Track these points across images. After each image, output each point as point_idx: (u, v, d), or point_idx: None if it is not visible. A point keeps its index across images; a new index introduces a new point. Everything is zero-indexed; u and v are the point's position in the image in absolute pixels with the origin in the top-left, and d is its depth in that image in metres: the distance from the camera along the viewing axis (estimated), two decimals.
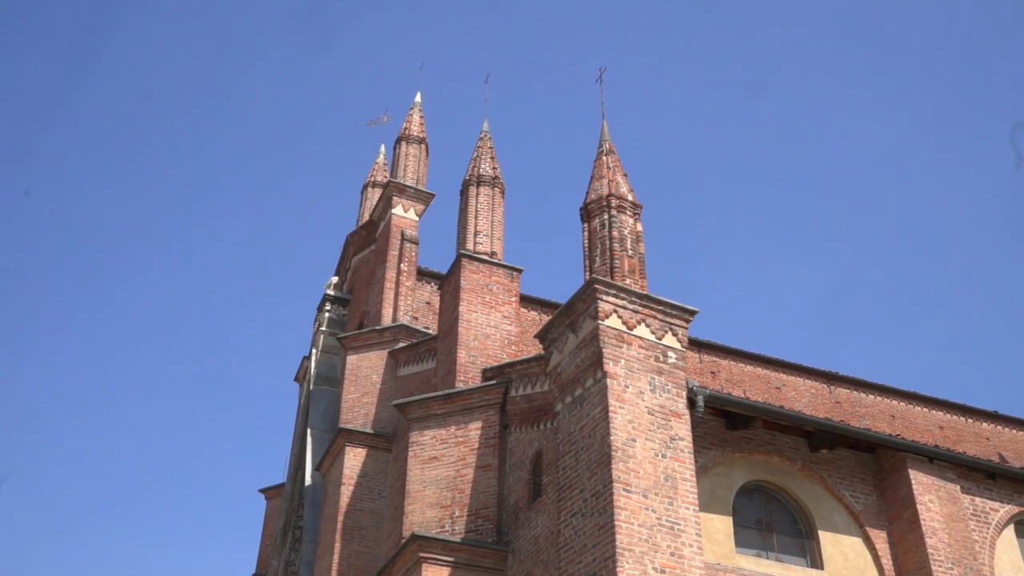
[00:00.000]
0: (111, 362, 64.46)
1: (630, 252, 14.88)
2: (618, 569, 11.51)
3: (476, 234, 19.81)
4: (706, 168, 69.16)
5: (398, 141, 25.84)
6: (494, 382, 16.80)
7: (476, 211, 20.20)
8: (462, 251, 19.35)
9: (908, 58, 67.03)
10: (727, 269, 66.66)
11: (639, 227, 15.38)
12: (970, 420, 28.16)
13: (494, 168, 21.10)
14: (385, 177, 27.75)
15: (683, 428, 13.18)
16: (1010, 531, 15.49)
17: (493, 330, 18.57)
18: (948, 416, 27.93)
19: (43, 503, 56.80)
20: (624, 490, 12.14)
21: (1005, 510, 15.52)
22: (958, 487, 15.15)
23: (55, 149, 63.23)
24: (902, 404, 27.51)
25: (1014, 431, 28.48)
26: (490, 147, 21.61)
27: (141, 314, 65.70)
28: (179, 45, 67.77)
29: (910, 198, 67.04)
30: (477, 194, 20.50)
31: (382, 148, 29.41)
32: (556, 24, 70.40)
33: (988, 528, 15.15)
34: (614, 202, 15.34)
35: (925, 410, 27.76)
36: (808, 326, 61.55)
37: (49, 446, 60.02)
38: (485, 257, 19.37)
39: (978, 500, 15.37)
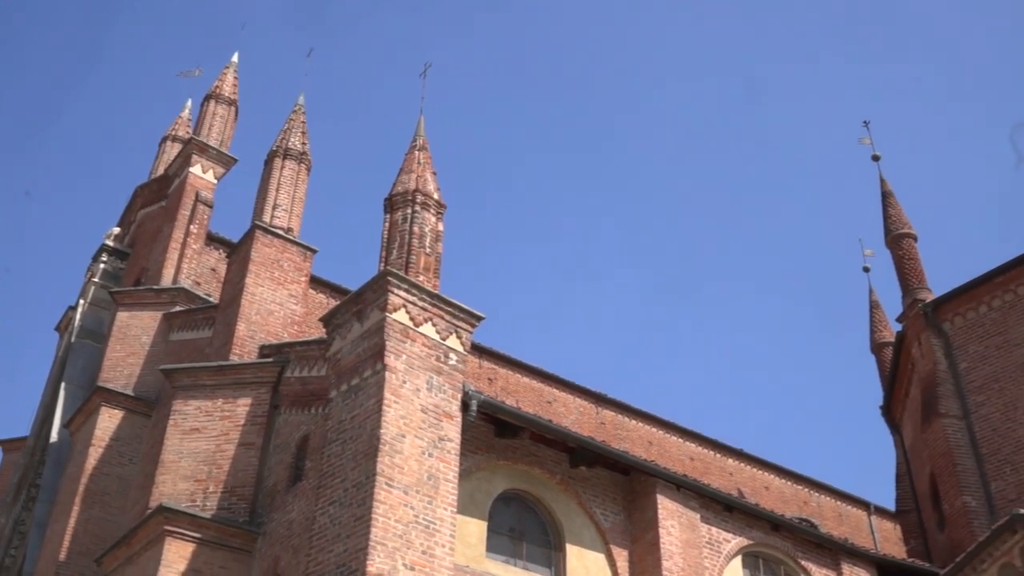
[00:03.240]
0: None
1: (428, 250, 14.95)
2: (368, 562, 11.51)
3: (275, 207, 19.30)
4: (517, 174, 70.42)
5: (207, 99, 24.77)
6: (270, 360, 16.41)
7: (278, 184, 19.69)
8: (258, 222, 18.80)
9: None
10: (520, 280, 68.09)
11: (440, 227, 15.47)
12: (718, 455, 30.02)
13: (303, 144, 20.65)
14: (187, 133, 26.52)
15: (453, 430, 13.35)
16: (737, 562, 16.61)
17: (278, 307, 18.14)
18: (699, 448, 29.66)
19: None
20: (386, 484, 12.15)
21: (736, 542, 16.63)
22: (699, 516, 16.11)
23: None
24: (660, 432, 28.97)
25: (754, 469, 30.62)
26: (303, 121, 21.13)
27: None
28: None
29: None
30: (282, 167, 19.99)
31: (189, 103, 28.09)
32: (387, 15, 69.82)
33: (719, 557, 16.19)
34: (419, 198, 15.36)
35: (680, 440, 29.36)
36: (587, 346, 63.79)
37: None
38: (280, 232, 18.91)
39: (714, 530, 16.40)
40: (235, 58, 26.11)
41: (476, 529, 13.97)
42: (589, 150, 71.29)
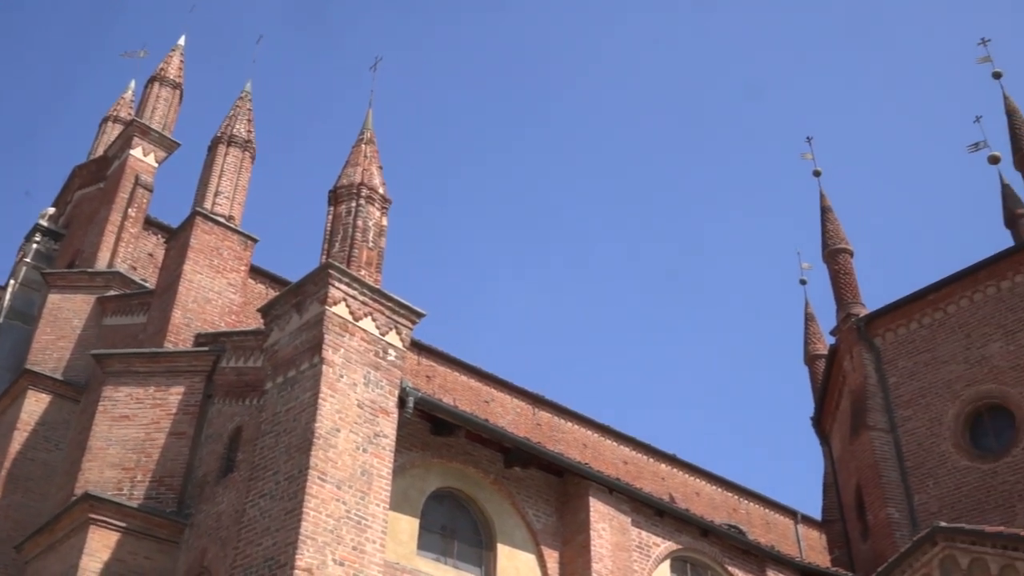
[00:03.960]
0: None
1: (371, 244, 14.86)
2: (297, 556, 11.41)
3: (217, 194, 19.02)
4: (465, 173, 70.37)
5: (151, 81, 24.29)
6: (206, 349, 16.17)
7: (221, 171, 19.41)
8: (198, 209, 18.52)
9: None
10: (463, 279, 68.03)
11: (384, 221, 15.39)
12: (651, 459, 30.31)
13: (249, 131, 20.39)
14: (130, 114, 25.98)
15: (389, 426, 13.30)
16: (666, 566, 16.78)
17: (216, 295, 17.88)
18: (633, 453, 29.92)
19: None
20: (319, 478, 12.06)
21: (665, 546, 16.80)
22: (630, 519, 16.24)
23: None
24: (595, 435, 29.16)
25: (686, 475, 30.98)
26: (249, 109, 20.86)
27: None
28: None
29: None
30: (226, 153, 19.71)
31: (132, 84, 27.52)
32: (345, 4, 69.27)
33: (649, 561, 16.34)
34: (364, 191, 15.26)
35: (614, 444, 29.59)
36: (526, 347, 63.94)
37: None
38: (221, 219, 18.65)
39: (644, 534, 16.54)
40: (182, 41, 25.66)
41: (408, 526, 13.92)
42: (538, 151, 71.55)
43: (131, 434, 15.32)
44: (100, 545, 13.91)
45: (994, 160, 24.69)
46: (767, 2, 70.91)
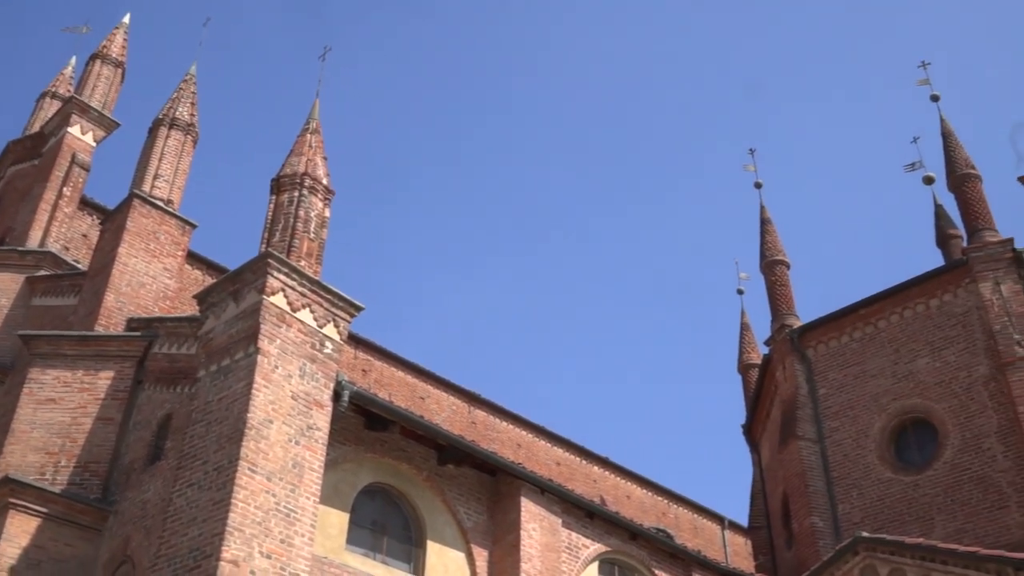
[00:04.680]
0: None
1: (312, 235, 14.72)
2: (223, 547, 11.26)
3: (156, 177, 18.69)
4: (411, 167, 70.03)
5: (92, 58, 23.79)
6: (138, 334, 15.88)
7: (162, 153, 19.07)
8: (136, 191, 18.18)
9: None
10: (403, 274, 67.76)
11: (327, 213, 15.26)
12: (584, 461, 30.53)
13: (192, 115, 20.06)
14: (69, 91, 25.41)
15: (323, 419, 13.20)
16: (594, 567, 16.89)
17: (151, 280, 17.57)
18: (566, 454, 30.10)
19: None
20: (249, 469, 11.92)
21: (595, 548, 16.92)
22: (560, 520, 16.32)
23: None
24: (530, 436, 29.28)
25: (617, 478, 31.26)
26: (193, 92, 20.53)
27: None
28: None
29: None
30: (167, 136, 19.37)
31: (73, 60, 26.91)
32: None
33: (577, 562, 16.44)
34: (308, 181, 15.11)
35: (548, 445, 29.74)
36: (464, 345, 63.89)
37: None
38: (160, 203, 18.33)
39: (574, 535, 16.64)
40: (127, 19, 25.17)
41: (338, 520, 13.82)
42: (482, 151, 71.55)
43: (57, 418, 14.98)
44: (19, 530, 13.59)
45: (929, 181, 25.30)
46: (719, 18, 71.81)
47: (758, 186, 26.55)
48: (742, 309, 29.95)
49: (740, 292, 29.61)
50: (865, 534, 16.88)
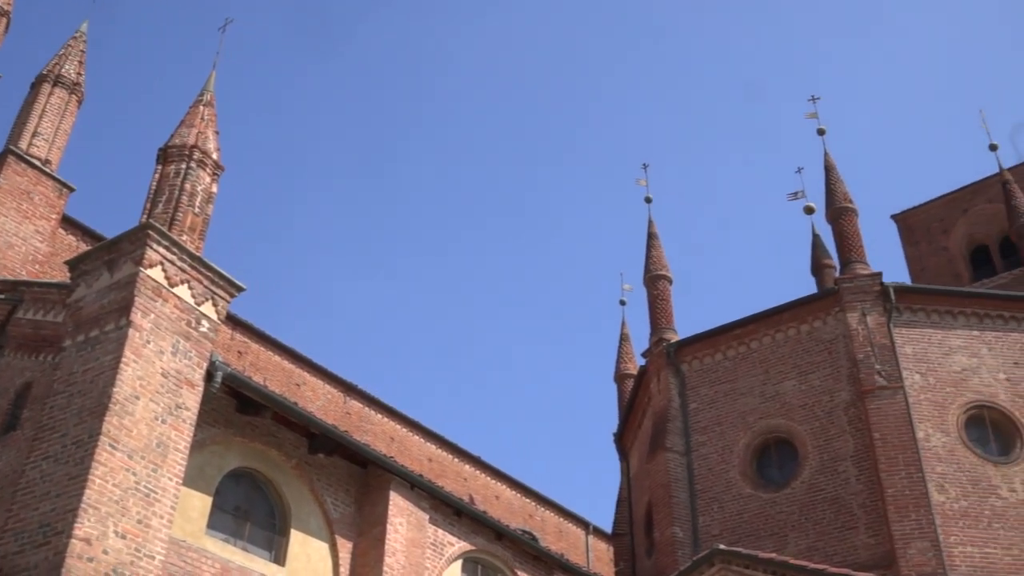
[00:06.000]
0: None
1: (197, 210, 14.33)
2: (76, 524, 10.86)
3: (35, 135, 17.91)
4: (307, 150, 68.84)
5: None
6: (2, 296, 15.16)
7: (43, 111, 18.29)
8: (12, 147, 17.39)
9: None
10: (288, 258, 66.56)
11: (214, 188, 14.88)
12: (456, 459, 30.57)
13: (79, 74, 19.29)
14: None
15: (192, 399, 12.87)
16: (457, 566, 16.95)
17: (20, 242, 16.82)
18: (439, 451, 30.09)
19: None
20: (110, 446, 11.53)
21: (460, 546, 16.97)
22: (428, 517, 16.31)
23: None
24: (404, 430, 29.16)
25: (488, 478, 31.41)
26: (82, 51, 19.74)
27: None
28: None
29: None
30: (50, 93, 18.59)
31: None
32: None
33: (441, 559, 16.46)
34: (197, 154, 14.71)
35: (421, 440, 29.67)
36: (345, 335, 63.17)
37: None
38: (37, 162, 17.56)
39: (441, 532, 16.65)
40: None
41: (200, 504, 13.47)
42: (376, 144, 70.91)
43: None
44: None
45: (809, 211, 26.26)
46: (588, 38, 72.96)
47: (648, 201, 27.08)
48: (623, 320, 30.45)
49: (622, 303, 30.13)
50: (722, 547, 17.38)
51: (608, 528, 30.30)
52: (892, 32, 71.38)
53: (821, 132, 24.81)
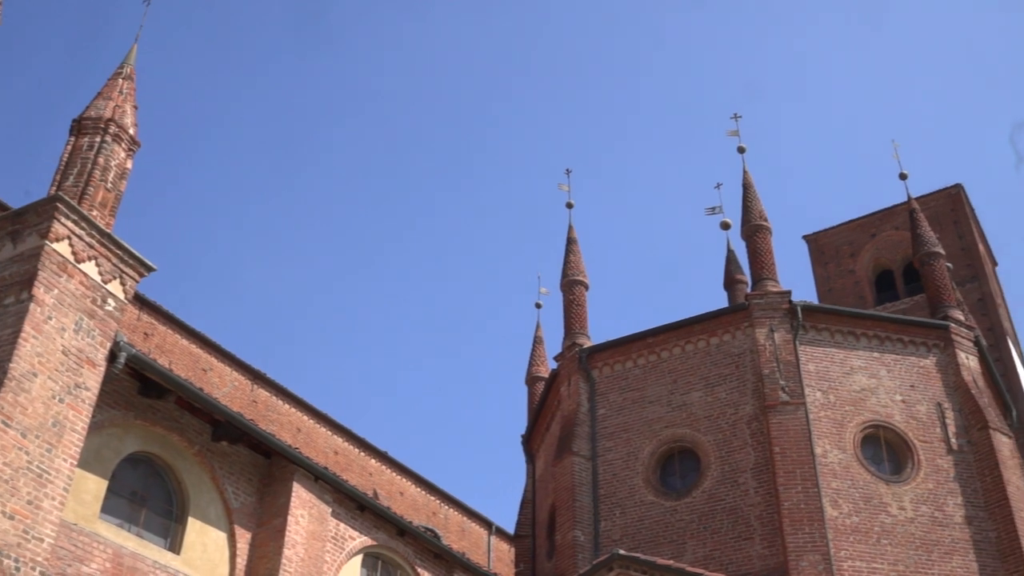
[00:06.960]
0: None
1: (109, 185, 13.94)
2: None
3: None
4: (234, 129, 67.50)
5: None
6: None
7: None
8: None
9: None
10: (204, 240, 65.20)
11: (129, 164, 14.50)
12: (362, 453, 30.35)
13: None
14: None
15: (93, 379, 12.52)
16: (357, 560, 16.82)
17: None
18: (345, 444, 29.82)
19: None
20: (3, 422, 11.16)
21: (361, 540, 16.85)
22: (330, 510, 16.15)
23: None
24: (311, 421, 28.82)
25: (393, 473, 31.25)
26: None
27: None
28: None
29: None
30: None
31: None
32: None
33: (342, 553, 16.31)
34: (113, 128, 14.31)
35: (328, 433, 29.37)
36: (257, 321, 62.13)
37: None
38: None
39: (343, 526, 16.51)
40: None
41: (95, 487, 13.10)
42: (305, 134, 69.99)
43: None
44: None
45: (725, 226, 26.81)
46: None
47: (569, 206, 27.26)
48: (537, 323, 30.60)
49: (538, 306, 30.25)
50: (621, 552, 17.61)
51: (511, 529, 30.41)
52: (816, 60, 73.28)
53: (741, 150, 25.31)
